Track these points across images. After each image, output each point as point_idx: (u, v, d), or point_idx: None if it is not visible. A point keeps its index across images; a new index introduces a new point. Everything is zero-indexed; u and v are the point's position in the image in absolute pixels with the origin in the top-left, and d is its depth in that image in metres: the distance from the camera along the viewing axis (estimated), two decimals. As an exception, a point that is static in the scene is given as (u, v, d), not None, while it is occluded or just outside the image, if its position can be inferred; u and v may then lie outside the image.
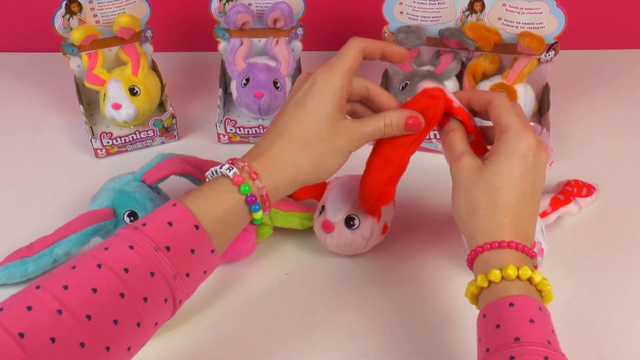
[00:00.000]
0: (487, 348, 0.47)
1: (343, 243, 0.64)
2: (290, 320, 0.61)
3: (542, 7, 0.74)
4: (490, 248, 0.51)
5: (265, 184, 0.51)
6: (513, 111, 0.54)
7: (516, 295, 0.48)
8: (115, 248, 0.46)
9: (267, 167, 0.52)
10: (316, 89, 0.54)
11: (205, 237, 0.48)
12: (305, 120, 0.53)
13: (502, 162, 0.52)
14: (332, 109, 0.54)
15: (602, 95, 0.90)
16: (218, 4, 0.79)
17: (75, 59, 0.81)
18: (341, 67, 0.55)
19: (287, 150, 0.53)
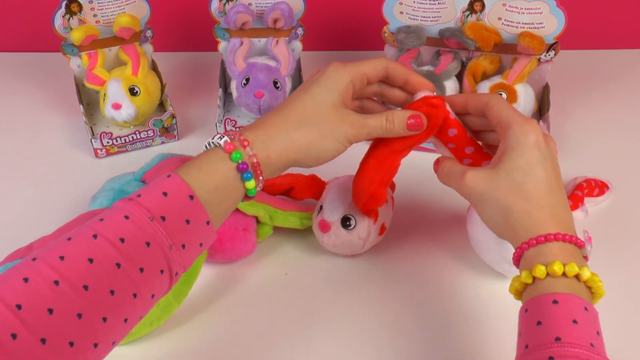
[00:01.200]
0: (527, 344, 0.46)
1: (340, 243, 0.64)
2: (290, 320, 0.61)
3: (542, 7, 0.74)
4: (536, 243, 0.49)
5: (256, 152, 0.51)
6: (511, 107, 0.54)
7: (561, 293, 0.46)
8: (110, 218, 0.46)
9: (260, 136, 0.51)
10: (324, 77, 0.54)
11: (200, 207, 0.48)
12: (306, 100, 0.54)
13: (516, 157, 0.51)
14: (336, 97, 0.54)
15: (602, 95, 0.90)
16: (218, 4, 0.79)
17: (75, 59, 0.81)
18: (356, 67, 0.55)
19: (282, 125, 0.53)
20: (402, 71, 0.57)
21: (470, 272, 0.66)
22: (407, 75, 0.57)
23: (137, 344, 0.59)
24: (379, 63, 0.57)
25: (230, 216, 0.63)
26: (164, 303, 0.58)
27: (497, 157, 0.53)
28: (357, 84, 0.55)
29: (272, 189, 0.69)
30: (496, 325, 0.61)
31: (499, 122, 0.53)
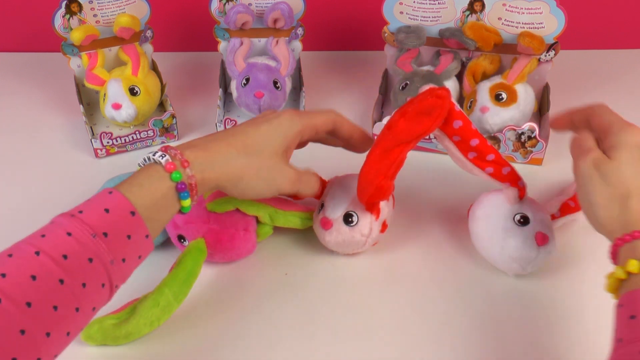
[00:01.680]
0: (621, 338, 0.46)
1: (342, 240, 0.64)
2: (290, 320, 0.61)
3: (542, 7, 0.74)
4: (631, 239, 0.50)
5: (194, 173, 0.53)
6: (612, 112, 0.56)
7: None
8: (52, 235, 0.46)
9: (199, 158, 0.54)
10: (278, 121, 0.58)
11: (141, 222, 0.50)
12: (254, 136, 0.57)
13: (625, 154, 0.52)
14: (282, 143, 0.58)
15: (602, 95, 0.89)
16: (218, 4, 0.79)
17: (75, 59, 0.81)
18: (309, 119, 0.60)
19: (225, 152, 0.55)
20: (347, 128, 0.62)
21: (471, 271, 0.66)
22: (351, 132, 0.62)
23: (137, 344, 0.59)
24: (329, 117, 0.61)
25: (230, 216, 0.63)
26: (164, 303, 0.58)
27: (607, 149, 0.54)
28: (306, 134, 0.60)
29: None
30: (499, 324, 0.61)
31: (600, 125, 0.56)
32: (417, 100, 0.57)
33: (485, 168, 0.62)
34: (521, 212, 0.62)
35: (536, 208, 0.63)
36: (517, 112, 0.77)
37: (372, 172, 0.58)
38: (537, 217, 0.63)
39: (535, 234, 0.61)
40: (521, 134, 0.75)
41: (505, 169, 0.62)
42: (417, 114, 0.57)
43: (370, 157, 0.59)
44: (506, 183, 0.62)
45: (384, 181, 0.58)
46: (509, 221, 0.62)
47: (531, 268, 0.63)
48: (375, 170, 0.58)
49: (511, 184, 0.62)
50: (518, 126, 0.75)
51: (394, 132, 0.57)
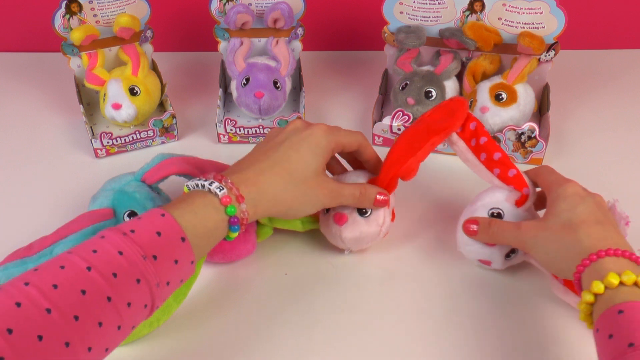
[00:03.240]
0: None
1: (359, 232, 0.64)
2: (291, 320, 0.61)
3: (542, 7, 0.74)
4: (589, 262, 0.52)
5: (247, 208, 0.55)
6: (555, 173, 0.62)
7: (624, 302, 0.48)
8: (104, 252, 0.47)
9: (252, 193, 0.55)
10: (314, 140, 0.59)
11: (190, 249, 0.51)
12: (297, 162, 0.58)
13: (560, 203, 0.57)
14: (320, 162, 0.60)
15: (602, 95, 0.90)
16: (218, 4, 0.79)
17: (75, 59, 0.81)
18: (340, 137, 0.61)
19: (274, 183, 0.57)
20: (369, 152, 0.64)
21: (472, 271, 0.66)
22: (371, 157, 0.65)
23: (137, 344, 0.59)
24: (356, 139, 0.63)
25: None
26: (164, 304, 0.58)
27: (545, 213, 0.59)
28: (335, 151, 0.62)
29: None
30: (500, 323, 0.61)
31: (545, 186, 0.61)
32: (440, 106, 0.64)
33: (493, 169, 0.63)
34: (499, 209, 0.62)
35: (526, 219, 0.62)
36: (517, 112, 0.77)
37: (402, 152, 0.62)
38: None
39: None
40: (521, 134, 0.75)
41: (512, 172, 0.62)
42: (442, 114, 0.63)
43: (400, 140, 0.63)
44: (510, 186, 0.63)
45: (414, 159, 0.62)
46: (482, 209, 0.63)
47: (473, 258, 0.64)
48: (404, 151, 0.62)
49: (515, 187, 0.62)
50: (518, 126, 0.75)
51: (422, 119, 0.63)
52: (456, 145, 0.64)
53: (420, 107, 0.77)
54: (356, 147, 0.63)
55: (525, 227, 0.58)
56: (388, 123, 0.77)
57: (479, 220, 0.61)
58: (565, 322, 0.61)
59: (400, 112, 0.77)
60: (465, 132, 0.64)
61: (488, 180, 0.64)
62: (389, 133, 0.78)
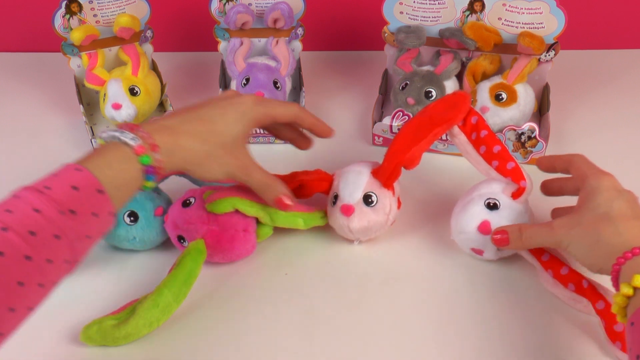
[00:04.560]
0: (638, 355, 0.46)
1: (367, 223, 0.64)
2: (291, 321, 0.61)
3: (542, 7, 0.74)
4: (631, 256, 0.51)
5: (162, 157, 0.55)
6: (590, 163, 0.60)
7: None
8: (19, 211, 0.46)
9: (167, 143, 0.55)
10: (241, 107, 0.60)
11: (108, 201, 0.50)
12: (218, 124, 0.59)
13: (596, 199, 0.56)
14: (241, 131, 0.60)
15: (602, 95, 0.90)
16: (218, 4, 0.79)
17: (75, 59, 0.81)
18: (270, 109, 0.62)
19: (192, 137, 0.57)
20: (310, 120, 0.64)
21: (472, 270, 0.66)
22: (313, 123, 0.64)
23: (137, 344, 0.59)
24: (291, 111, 0.63)
25: (230, 217, 0.63)
26: (163, 304, 0.58)
27: (578, 205, 0.58)
28: (263, 123, 0.62)
29: None
30: (500, 321, 0.61)
31: (578, 175, 0.59)
32: (442, 100, 0.65)
33: (492, 161, 0.64)
34: (496, 200, 0.63)
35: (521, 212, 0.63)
36: (517, 112, 0.77)
37: (405, 141, 0.63)
38: (510, 216, 0.62)
39: (482, 221, 0.62)
40: (521, 134, 0.75)
41: (510, 164, 0.64)
42: (445, 107, 0.64)
43: (404, 129, 0.64)
44: (508, 177, 0.63)
45: (418, 148, 0.63)
46: (478, 198, 0.63)
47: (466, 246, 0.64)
48: (408, 141, 0.63)
49: (513, 179, 0.63)
50: (518, 126, 0.75)
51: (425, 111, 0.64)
52: (457, 138, 0.65)
53: (420, 107, 0.77)
54: (291, 118, 0.63)
55: (558, 226, 0.57)
56: (388, 123, 0.77)
57: (508, 229, 0.60)
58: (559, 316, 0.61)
59: (400, 112, 0.77)
60: (467, 126, 0.65)
61: (486, 173, 0.66)
62: (389, 133, 0.78)
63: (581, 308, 0.61)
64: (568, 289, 0.60)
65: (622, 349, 0.56)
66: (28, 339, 0.59)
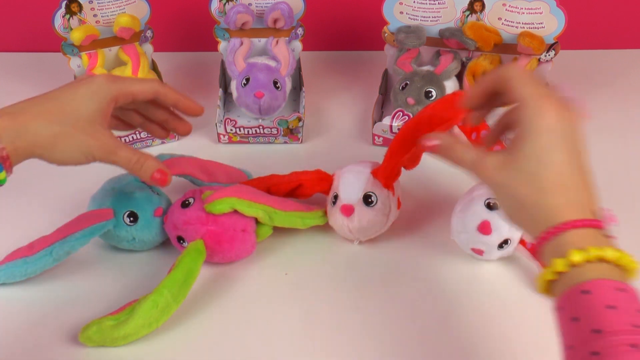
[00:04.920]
0: (571, 345, 0.43)
1: (366, 223, 0.64)
2: (291, 321, 0.61)
3: (542, 7, 0.74)
4: (550, 236, 0.46)
5: (5, 144, 0.51)
6: (529, 82, 0.48)
7: (588, 281, 0.43)
8: None
9: (8, 128, 0.52)
10: (94, 84, 0.56)
11: None
12: (70, 103, 0.55)
13: (530, 144, 0.47)
14: (97, 109, 0.55)
15: (602, 95, 0.90)
16: (218, 4, 0.79)
17: (75, 59, 0.81)
18: (125, 85, 0.57)
19: (38, 119, 0.53)
20: (172, 95, 0.60)
21: (473, 270, 0.66)
22: (177, 98, 0.61)
23: (136, 344, 0.59)
24: (150, 87, 0.59)
25: (229, 217, 0.63)
26: (163, 305, 0.58)
27: (513, 141, 0.49)
28: (121, 100, 0.57)
29: (279, 187, 0.68)
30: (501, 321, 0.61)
31: (514, 100, 0.49)
32: (442, 100, 0.64)
33: None
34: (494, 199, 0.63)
35: None
36: (517, 112, 0.77)
37: (406, 141, 0.63)
38: None
39: (483, 221, 0.62)
40: (521, 134, 0.75)
41: None
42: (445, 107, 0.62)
43: (404, 129, 0.64)
44: None
45: (415, 150, 0.63)
46: (478, 198, 0.64)
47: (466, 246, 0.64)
48: (408, 141, 0.63)
49: None
50: (518, 126, 0.75)
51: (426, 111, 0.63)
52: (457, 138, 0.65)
53: (420, 107, 0.77)
54: (152, 95, 0.59)
55: (487, 167, 0.49)
56: (388, 123, 0.77)
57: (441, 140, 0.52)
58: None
59: (400, 112, 0.77)
60: (467, 126, 0.65)
61: None
62: (389, 133, 0.78)
63: None
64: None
65: None
66: (27, 338, 0.60)
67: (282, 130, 0.80)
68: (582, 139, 0.49)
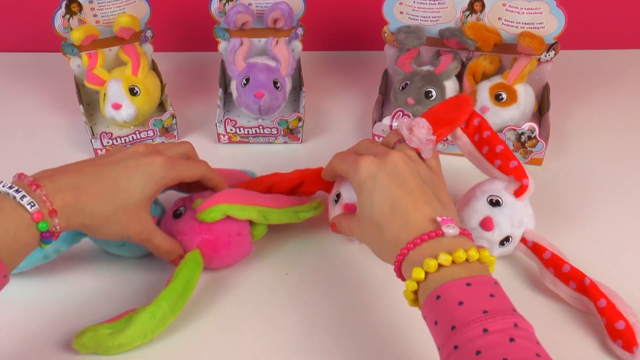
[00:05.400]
0: (439, 346, 0.48)
1: None
2: (291, 320, 0.61)
3: (542, 7, 0.74)
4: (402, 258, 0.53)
5: (60, 222, 0.53)
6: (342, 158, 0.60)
7: (439, 286, 0.49)
8: None
9: (67, 206, 0.53)
10: (150, 170, 0.58)
11: (2, 265, 0.50)
12: (124, 187, 0.56)
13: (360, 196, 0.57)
14: (147, 195, 0.58)
15: (602, 95, 0.90)
16: (218, 4, 0.79)
17: (75, 59, 0.81)
18: (181, 171, 0.60)
19: (94, 200, 0.55)
20: (216, 181, 0.64)
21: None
22: (218, 185, 0.64)
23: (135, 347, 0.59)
24: (199, 171, 0.62)
25: (222, 224, 0.62)
26: (160, 316, 0.57)
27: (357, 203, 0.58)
28: (172, 183, 0.60)
29: (281, 185, 0.68)
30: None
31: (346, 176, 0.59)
32: (447, 102, 0.65)
33: (494, 161, 0.64)
34: (498, 197, 0.63)
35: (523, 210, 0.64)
36: (517, 112, 0.77)
37: None
38: (512, 214, 0.63)
39: (485, 217, 0.62)
40: (521, 134, 0.75)
41: (513, 163, 0.64)
42: (448, 109, 0.64)
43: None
44: (511, 176, 0.64)
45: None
46: (481, 195, 0.64)
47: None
48: None
49: (515, 177, 0.64)
50: (518, 126, 0.75)
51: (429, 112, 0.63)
52: (460, 140, 0.66)
53: (420, 107, 0.77)
54: (199, 178, 0.63)
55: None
56: (388, 123, 0.77)
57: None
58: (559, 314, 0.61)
59: (400, 112, 0.77)
60: (469, 128, 0.65)
61: (488, 173, 0.66)
62: (389, 133, 0.78)
63: (582, 306, 0.61)
64: (569, 287, 0.60)
65: (623, 347, 0.56)
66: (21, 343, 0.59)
67: (282, 130, 0.80)
68: (405, 170, 0.56)
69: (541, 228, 0.65)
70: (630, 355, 0.56)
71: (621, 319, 0.56)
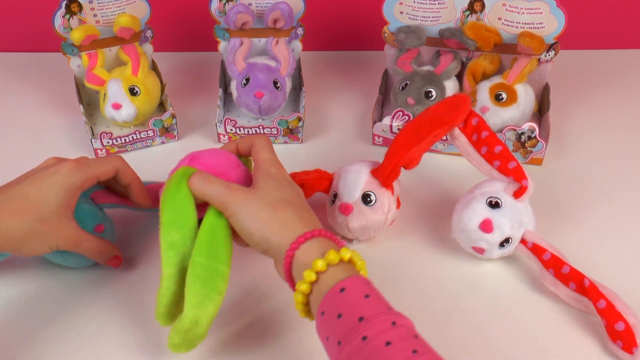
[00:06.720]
0: (338, 341, 0.48)
1: (365, 222, 0.65)
2: (291, 321, 0.61)
3: (542, 7, 0.74)
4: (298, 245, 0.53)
5: None
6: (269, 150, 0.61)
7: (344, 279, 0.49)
8: None
9: None
10: (58, 178, 0.57)
11: None
12: (35, 201, 0.56)
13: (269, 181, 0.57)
14: (62, 203, 0.57)
15: (602, 95, 0.90)
16: (218, 4, 0.79)
17: (75, 59, 0.81)
18: (91, 171, 0.59)
19: (6, 220, 0.55)
20: (128, 176, 0.63)
21: (473, 270, 0.66)
22: (130, 180, 0.63)
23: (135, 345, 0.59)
24: (111, 166, 0.61)
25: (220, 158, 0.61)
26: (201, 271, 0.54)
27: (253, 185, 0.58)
28: (86, 186, 0.59)
29: None
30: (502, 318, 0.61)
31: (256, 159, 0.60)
32: (444, 102, 0.65)
33: (493, 162, 0.64)
34: (497, 198, 0.63)
35: (522, 211, 0.64)
36: (517, 112, 0.77)
37: (406, 141, 0.63)
38: (512, 215, 0.63)
39: (484, 219, 0.62)
40: (521, 134, 0.75)
41: (512, 164, 0.64)
42: (446, 109, 0.64)
43: (404, 130, 0.64)
44: (510, 177, 0.64)
45: (417, 149, 0.63)
46: (480, 196, 0.64)
47: (466, 245, 0.64)
48: (408, 141, 0.63)
49: (515, 178, 0.63)
50: (518, 126, 0.75)
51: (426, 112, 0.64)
52: (458, 140, 0.65)
53: (420, 107, 0.77)
54: (113, 173, 0.62)
55: (236, 190, 0.56)
56: (388, 123, 0.77)
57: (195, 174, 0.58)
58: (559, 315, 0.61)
59: (400, 112, 0.77)
60: (467, 128, 0.65)
61: (487, 173, 0.66)
62: (389, 133, 0.78)
63: (582, 307, 0.61)
64: (569, 288, 0.60)
65: (623, 348, 0.56)
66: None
67: (282, 130, 0.80)
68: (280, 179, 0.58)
69: (541, 228, 0.65)
70: (630, 357, 0.56)
71: (621, 320, 0.56)
